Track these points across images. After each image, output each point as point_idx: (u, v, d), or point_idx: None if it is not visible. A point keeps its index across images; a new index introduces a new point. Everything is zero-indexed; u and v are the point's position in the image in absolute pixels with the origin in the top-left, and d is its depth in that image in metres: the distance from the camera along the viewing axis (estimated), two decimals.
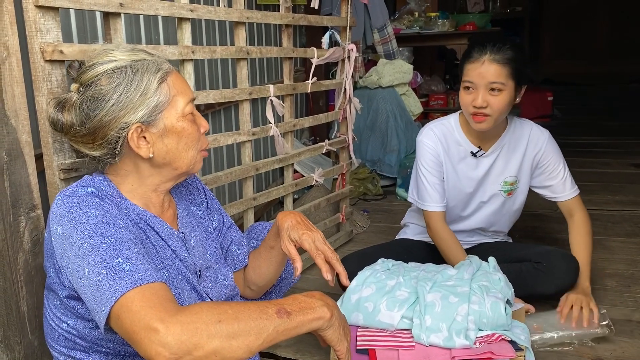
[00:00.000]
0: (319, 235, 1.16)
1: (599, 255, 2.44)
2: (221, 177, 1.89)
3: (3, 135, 1.20)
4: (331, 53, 2.33)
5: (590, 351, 1.71)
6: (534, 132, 1.95)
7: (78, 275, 0.95)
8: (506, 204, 2.01)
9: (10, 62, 1.20)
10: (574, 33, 8.01)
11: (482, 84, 1.73)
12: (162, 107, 1.08)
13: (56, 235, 1.00)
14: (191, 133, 1.13)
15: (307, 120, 2.39)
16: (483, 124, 1.78)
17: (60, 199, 1.04)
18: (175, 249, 1.17)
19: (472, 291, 1.57)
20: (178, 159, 1.13)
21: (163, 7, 1.54)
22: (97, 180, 1.12)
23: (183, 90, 1.13)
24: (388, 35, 3.91)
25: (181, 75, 1.17)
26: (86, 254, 0.94)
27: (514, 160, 1.94)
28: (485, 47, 1.74)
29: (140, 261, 0.95)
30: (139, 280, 0.91)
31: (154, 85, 1.07)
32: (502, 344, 1.48)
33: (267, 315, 0.90)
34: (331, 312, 0.98)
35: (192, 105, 1.14)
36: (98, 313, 0.91)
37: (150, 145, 1.10)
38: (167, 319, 0.84)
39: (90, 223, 0.98)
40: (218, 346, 0.85)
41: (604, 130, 5.10)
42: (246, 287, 1.39)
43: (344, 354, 1.04)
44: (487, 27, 4.97)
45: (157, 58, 1.12)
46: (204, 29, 2.49)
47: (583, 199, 2.02)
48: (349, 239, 2.73)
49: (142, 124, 1.07)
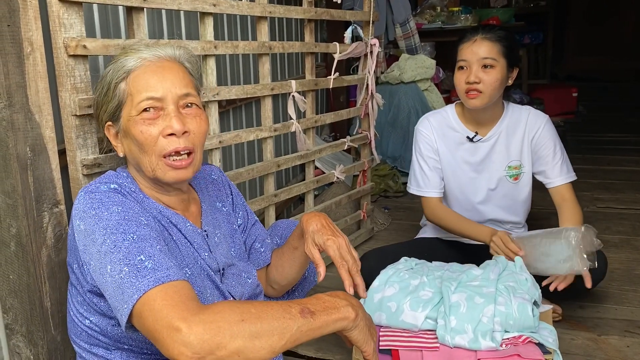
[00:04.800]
0: (343, 242, 1.12)
1: (627, 256, 2.39)
2: (243, 174, 1.88)
3: (27, 130, 1.20)
4: (354, 48, 2.30)
5: (618, 355, 1.66)
6: (532, 116, 1.97)
7: (100, 272, 0.94)
8: (515, 189, 2.00)
9: (35, 57, 1.20)
10: (599, 28, 7.84)
11: (475, 60, 1.81)
12: (121, 106, 1.08)
13: (79, 231, 1.00)
14: (142, 134, 1.05)
15: (329, 116, 2.36)
16: (476, 100, 1.83)
17: (82, 195, 1.03)
18: (197, 247, 1.15)
19: (499, 292, 1.54)
20: (140, 163, 1.08)
21: (186, 1, 1.53)
22: (120, 176, 1.12)
23: (144, 87, 1.06)
24: (410, 30, 3.86)
25: (159, 70, 1.07)
26: (108, 250, 0.94)
27: (514, 144, 1.96)
28: (477, 28, 1.87)
29: (163, 259, 0.94)
30: (162, 278, 0.90)
31: (112, 84, 1.08)
32: (529, 346, 1.44)
33: (291, 315, 0.88)
34: (356, 312, 0.96)
35: (155, 102, 1.05)
36: (120, 311, 0.90)
37: (120, 144, 1.12)
38: (189, 318, 0.83)
39: (112, 220, 0.97)
40: (241, 346, 0.83)
41: (631, 127, 4.99)
42: (268, 285, 1.37)
43: (370, 354, 1.01)
44: (511, 21, 4.89)
45: (137, 54, 1.09)
46: (225, 23, 2.47)
47: (610, 197, 1.98)
48: (370, 236, 2.71)
49: (112, 123, 1.11)
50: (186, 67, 1.14)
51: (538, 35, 6.33)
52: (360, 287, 1.10)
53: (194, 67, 1.16)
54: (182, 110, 1.08)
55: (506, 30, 1.87)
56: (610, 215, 2.83)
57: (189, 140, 1.07)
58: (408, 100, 3.69)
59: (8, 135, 1.16)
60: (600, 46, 7.86)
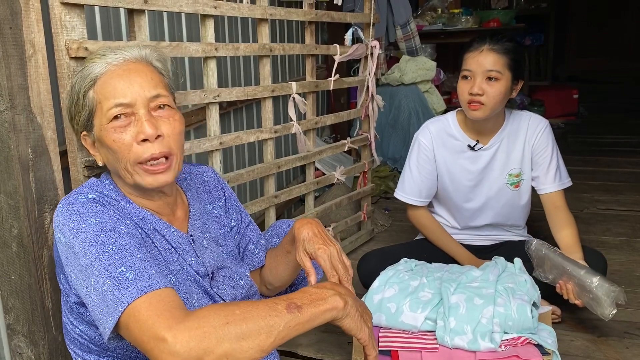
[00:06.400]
0: (335, 251, 1.10)
1: (627, 257, 2.39)
2: (243, 175, 1.89)
3: (29, 132, 1.21)
4: (354, 50, 2.31)
5: (617, 356, 1.67)
6: (532, 121, 1.96)
7: (84, 284, 0.94)
8: (515, 196, 1.99)
9: (36, 59, 1.21)
10: (600, 29, 7.85)
11: (480, 71, 1.78)
12: (92, 114, 1.06)
13: (60, 244, 1.00)
14: (115, 143, 1.02)
15: (330, 118, 2.37)
16: (478, 112, 1.81)
17: (61, 207, 1.02)
18: (182, 252, 1.14)
19: (498, 293, 1.54)
20: (119, 171, 1.06)
21: (187, 3, 1.54)
22: (102, 184, 1.10)
23: (111, 93, 1.02)
24: (411, 32, 3.87)
25: (125, 73, 1.04)
26: (89, 264, 0.93)
27: (515, 152, 1.95)
28: (485, 38, 1.82)
29: (145, 268, 0.93)
30: (144, 289, 0.90)
31: (81, 93, 1.06)
32: (528, 348, 1.45)
33: (277, 312, 0.87)
34: (344, 300, 0.94)
35: (124, 108, 1.02)
36: (103, 323, 0.90)
37: (98, 153, 1.10)
38: (174, 327, 0.83)
39: (90, 232, 0.96)
40: (228, 348, 0.83)
41: (632, 128, 4.98)
42: (262, 285, 1.37)
43: (366, 340, 0.99)
44: (512, 23, 4.89)
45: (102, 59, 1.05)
46: (226, 25, 2.48)
47: (610, 199, 1.98)
48: (370, 237, 2.71)
49: (86, 132, 1.09)
50: (155, 66, 1.10)
51: (539, 36, 6.32)
52: None
53: (163, 65, 1.12)
54: (154, 112, 1.05)
55: (514, 41, 1.83)
56: (611, 216, 2.83)
57: (163, 145, 1.04)
58: (408, 101, 3.69)
59: (10, 136, 1.17)
60: (601, 48, 7.86)
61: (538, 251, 1.77)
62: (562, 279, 1.71)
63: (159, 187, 1.08)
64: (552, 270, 1.73)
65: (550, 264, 1.73)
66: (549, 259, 1.73)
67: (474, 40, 1.85)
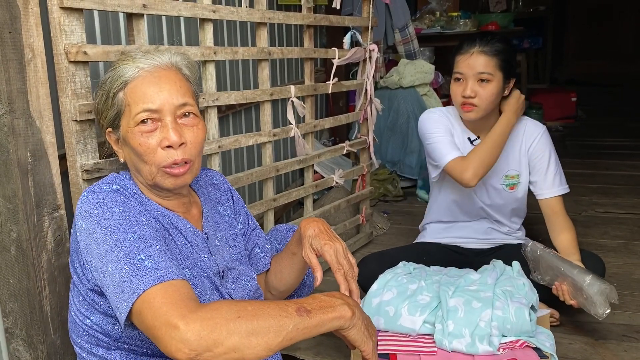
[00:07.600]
0: (340, 247, 1.14)
1: (625, 260, 2.39)
2: (242, 178, 1.89)
3: (28, 135, 1.21)
4: (352, 53, 2.32)
5: (615, 358, 1.67)
6: (529, 126, 1.97)
7: (102, 270, 0.96)
8: (510, 198, 2.00)
9: (35, 63, 1.21)
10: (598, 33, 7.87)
11: (471, 74, 1.80)
12: (120, 115, 1.10)
13: (81, 230, 1.02)
14: (141, 146, 1.06)
15: (328, 121, 2.37)
16: (471, 113, 1.83)
17: (85, 195, 1.05)
18: (197, 249, 1.17)
19: (496, 296, 1.55)
20: (140, 171, 1.10)
21: (186, 8, 1.54)
22: (122, 178, 1.14)
23: (141, 98, 1.06)
24: (409, 35, 3.87)
25: (156, 80, 1.08)
26: (109, 249, 0.96)
27: (512, 154, 1.96)
28: (475, 40, 1.83)
29: (163, 258, 0.96)
30: (161, 277, 0.92)
31: (111, 94, 1.09)
32: (526, 351, 1.45)
33: (287, 313, 0.90)
34: (352, 311, 0.97)
35: (152, 113, 1.06)
36: (119, 308, 0.92)
37: (121, 150, 1.14)
38: (187, 315, 0.85)
39: (113, 219, 0.99)
40: (237, 342, 0.85)
41: (630, 131, 4.99)
42: (267, 291, 1.38)
43: (369, 354, 1.01)
44: (510, 26, 4.91)
45: (135, 64, 1.08)
46: (225, 29, 2.49)
47: (608, 201, 1.98)
48: (369, 240, 2.71)
49: (112, 129, 1.13)
50: (184, 74, 1.14)
51: (537, 39, 6.34)
52: (355, 293, 1.11)
53: (192, 73, 1.16)
54: (179, 120, 1.09)
55: (504, 41, 1.84)
56: (609, 219, 2.83)
57: (185, 152, 1.08)
58: (407, 105, 3.70)
59: (9, 140, 1.18)
60: (599, 51, 7.88)
61: (534, 253, 1.78)
62: (557, 280, 1.71)
63: (178, 188, 1.13)
64: (547, 272, 1.73)
65: (546, 265, 1.73)
66: (544, 260, 1.74)
67: (464, 42, 1.86)
